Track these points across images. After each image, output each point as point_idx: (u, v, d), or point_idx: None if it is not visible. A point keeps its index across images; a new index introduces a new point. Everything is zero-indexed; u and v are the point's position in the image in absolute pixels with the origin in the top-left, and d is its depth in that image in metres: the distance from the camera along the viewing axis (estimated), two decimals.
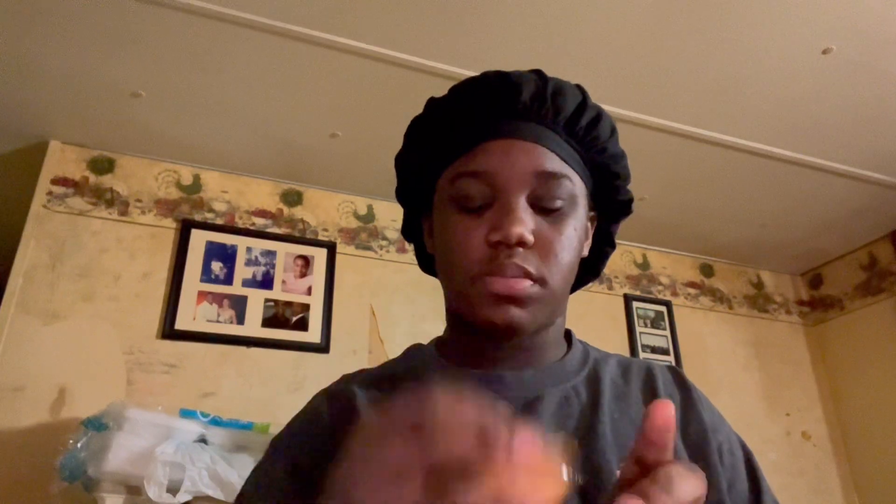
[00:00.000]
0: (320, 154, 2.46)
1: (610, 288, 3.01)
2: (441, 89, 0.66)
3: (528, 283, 0.55)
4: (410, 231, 0.71)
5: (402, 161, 0.68)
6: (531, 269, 0.55)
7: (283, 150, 2.45)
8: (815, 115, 2.24)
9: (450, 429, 0.32)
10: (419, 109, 0.66)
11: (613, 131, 0.64)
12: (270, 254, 2.46)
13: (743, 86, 2.10)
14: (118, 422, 1.62)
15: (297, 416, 0.63)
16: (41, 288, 2.12)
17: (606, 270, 3.04)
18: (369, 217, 2.69)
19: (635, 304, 3.00)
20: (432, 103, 0.65)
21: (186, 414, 1.84)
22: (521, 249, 0.55)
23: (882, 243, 3.07)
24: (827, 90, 2.12)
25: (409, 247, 2.64)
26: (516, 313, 0.55)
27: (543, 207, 0.58)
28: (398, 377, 0.63)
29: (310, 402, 0.64)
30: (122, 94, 2.11)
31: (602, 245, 0.70)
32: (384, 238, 2.66)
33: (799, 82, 2.08)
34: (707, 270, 3.28)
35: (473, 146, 0.60)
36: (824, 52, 1.95)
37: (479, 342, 0.60)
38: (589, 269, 0.69)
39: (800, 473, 2.98)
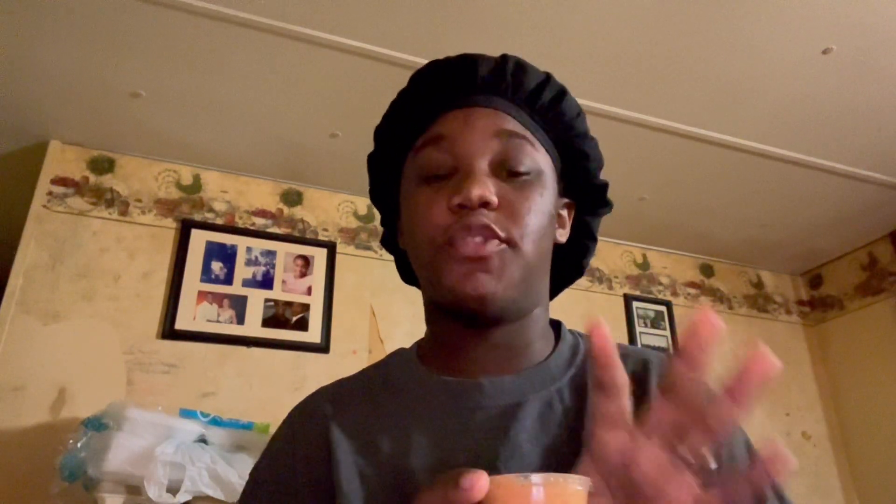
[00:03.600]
0: (320, 154, 2.46)
1: (610, 288, 3.01)
2: None
3: (494, 242, 0.53)
4: (389, 242, 0.70)
5: (372, 160, 0.68)
6: (497, 228, 0.53)
7: (283, 150, 2.45)
8: (815, 115, 2.24)
9: None
10: None
11: (580, 113, 0.63)
12: (270, 254, 2.47)
13: (743, 86, 2.10)
14: (118, 422, 1.62)
15: (273, 441, 0.62)
16: (41, 288, 2.12)
17: (606, 270, 3.04)
18: (369, 217, 2.69)
19: (635, 304, 3.00)
20: (398, 95, 0.65)
21: (186, 414, 1.84)
22: (484, 210, 0.53)
23: (882, 243, 3.07)
24: (827, 90, 2.12)
25: None
26: (485, 280, 0.53)
27: (507, 171, 0.56)
28: (374, 391, 0.61)
29: (283, 426, 0.62)
30: (122, 94, 2.11)
31: (582, 238, 0.67)
32: None
33: (799, 82, 2.08)
34: (707, 270, 3.28)
35: (433, 119, 0.60)
36: (824, 52, 1.95)
37: (457, 338, 0.58)
38: (573, 266, 0.68)
39: (800, 473, 2.98)
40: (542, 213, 0.57)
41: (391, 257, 0.71)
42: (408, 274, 0.69)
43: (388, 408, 0.58)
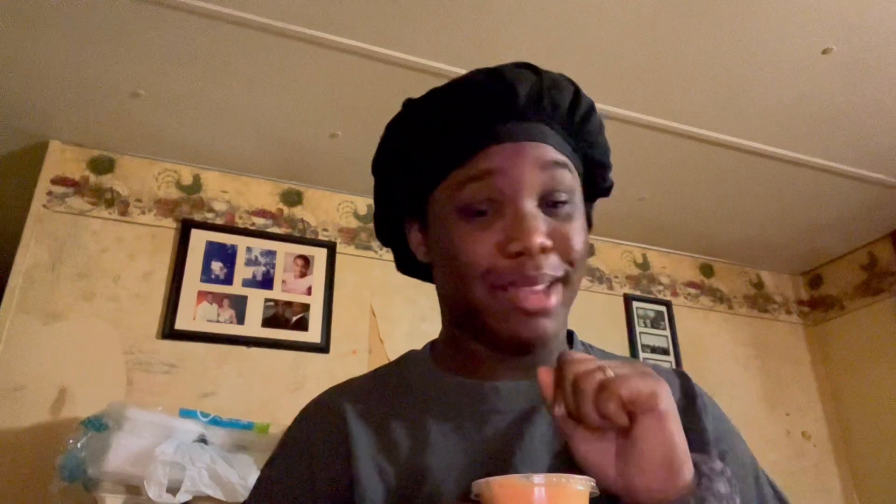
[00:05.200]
0: (320, 154, 2.45)
1: (610, 288, 3.01)
2: None
3: (557, 295, 0.55)
4: (386, 234, 0.68)
5: (382, 167, 0.65)
6: (559, 274, 0.55)
7: (283, 150, 2.45)
8: (815, 115, 2.24)
9: None
10: None
11: (602, 125, 0.64)
12: (270, 254, 2.46)
13: (743, 86, 2.10)
14: (118, 422, 1.62)
15: (288, 437, 0.62)
16: (41, 288, 2.12)
17: (606, 270, 3.04)
18: (369, 217, 2.69)
19: (635, 304, 3.00)
20: (414, 107, 0.62)
21: (186, 414, 1.84)
22: (542, 255, 0.54)
23: (882, 243, 3.07)
24: (827, 90, 2.12)
25: None
26: (545, 325, 0.55)
27: (551, 203, 0.56)
28: (389, 390, 0.62)
29: (299, 423, 0.62)
30: (122, 94, 2.11)
31: None
32: None
33: (799, 82, 2.08)
34: (707, 270, 3.28)
35: (475, 152, 0.57)
36: (824, 52, 1.95)
37: (483, 351, 0.59)
38: None
39: (800, 473, 2.98)
40: (584, 239, 0.58)
41: (391, 257, 0.71)
42: (407, 266, 0.69)
43: (403, 407, 0.59)
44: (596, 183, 0.66)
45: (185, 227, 2.37)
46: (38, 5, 1.75)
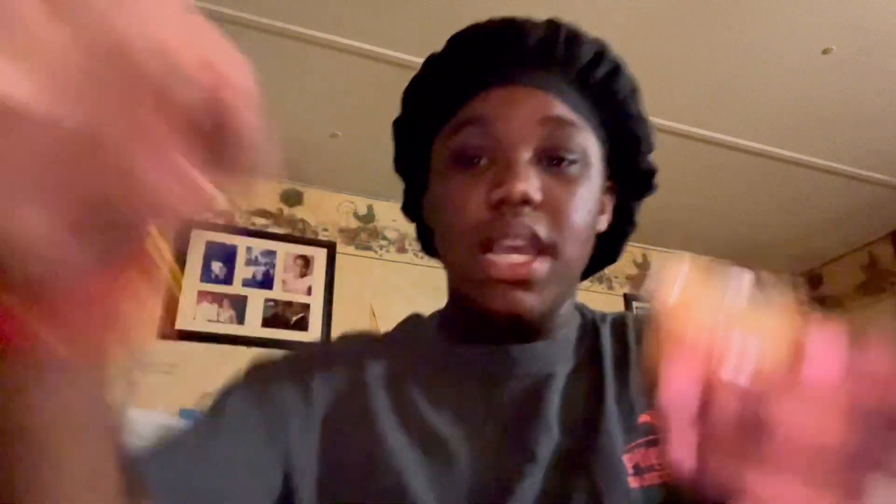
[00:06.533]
0: (320, 154, 2.45)
1: (610, 288, 3.01)
2: None
3: (542, 265, 0.49)
4: (411, 207, 0.64)
5: (399, 126, 0.61)
6: (540, 232, 0.48)
7: (283, 150, 2.44)
8: (815, 115, 2.24)
9: None
10: None
11: (635, 90, 0.57)
12: (270, 254, 2.46)
13: (743, 86, 2.10)
14: None
15: (275, 365, 0.56)
16: None
17: (606, 270, 3.03)
18: (369, 217, 2.69)
19: (635, 305, 3.00)
20: (430, 58, 0.59)
21: (186, 414, 1.83)
22: (527, 208, 0.48)
23: (882, 243, 3.06)
24: (827, 90, 2.12)
25: (410, 246, 2.66)
26: (523, 298, 0.49)
27: (552, 159, 0.51)
28: (397, 351, 0.58)
29: (291, 359, 0.57)
30: None
31: (622, 224, 0.62)
32: (384, 238, 2.66)
33: (799, 82, 2.08)
34: None
35: (474, 94, 0.53)
36: (824, 52, 1.95)
37: (484, 323, 0.54)
38: (605, 252, 0.61)
39: None
40: (587, 210, 0.52)
41: (391, 258, 0.70)
42: (430, 246, 0.64)
43: (413, 371, 0.56)
44: (630, 164, 0.59)
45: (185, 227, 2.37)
46: None
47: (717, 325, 0.26)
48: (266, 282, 2.41)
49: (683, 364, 0.25)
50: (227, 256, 2.40)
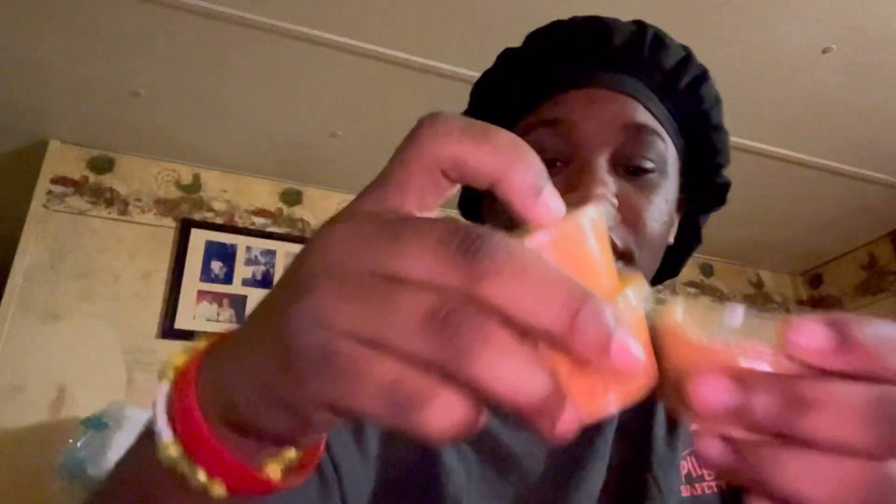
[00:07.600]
0: (320, 154, 2.45)
1: None
2: (442, 89, 0.64)
3: None
4: (470, 209, 0.60)
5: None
6: (616, 240, 0.46)
7: (283, 150, 2.45)
8: (815, 115, 2.24)
9: None
10: (420, 109, 0.61)
11: (719, 100, 0.55)
12: (270, 253, 2.46)
13: (743, 86, 2.10)
14: (118, 421, 1.62)
15: None
16: (41, 288, 2.12)
17: None
18: None
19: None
20: (507, 52, 0.56)
21: None
22: None
23: (882, 243, 3.07)
24: (827, 90, 2.12)
25: None
26: None
27: (631, 168, 0.49)
28: None
29: None
30: (121, 93, 2.11)
31: (687, 238, 0.60)
32: None
33: (799, 82, 2.08)
34: (707, 270, 3.28)
35: (551, 94, 0.51)
36: (824, 51, 1.95)
37: None
38: (668, 266, 0.58)
39: None
40: (662, 221, 0.50)
41: None
42: None
43: None
44: (704, 177, 0.57)
45: (185, 227, 2.37)
46: (38, 5, 1.75)
47: (720, 342, 0.26)
48: (266, 281, 2.41)
49: (706, 366, 0.24)
50: (227, 256, 2.40)
